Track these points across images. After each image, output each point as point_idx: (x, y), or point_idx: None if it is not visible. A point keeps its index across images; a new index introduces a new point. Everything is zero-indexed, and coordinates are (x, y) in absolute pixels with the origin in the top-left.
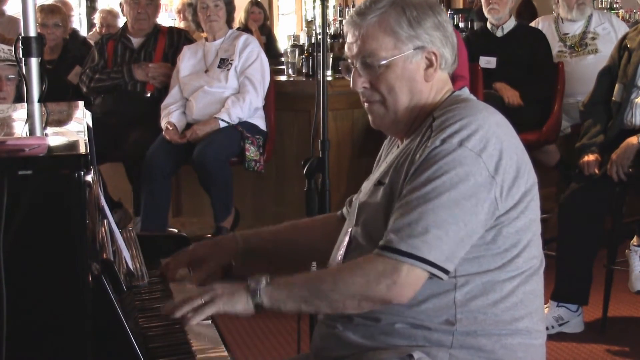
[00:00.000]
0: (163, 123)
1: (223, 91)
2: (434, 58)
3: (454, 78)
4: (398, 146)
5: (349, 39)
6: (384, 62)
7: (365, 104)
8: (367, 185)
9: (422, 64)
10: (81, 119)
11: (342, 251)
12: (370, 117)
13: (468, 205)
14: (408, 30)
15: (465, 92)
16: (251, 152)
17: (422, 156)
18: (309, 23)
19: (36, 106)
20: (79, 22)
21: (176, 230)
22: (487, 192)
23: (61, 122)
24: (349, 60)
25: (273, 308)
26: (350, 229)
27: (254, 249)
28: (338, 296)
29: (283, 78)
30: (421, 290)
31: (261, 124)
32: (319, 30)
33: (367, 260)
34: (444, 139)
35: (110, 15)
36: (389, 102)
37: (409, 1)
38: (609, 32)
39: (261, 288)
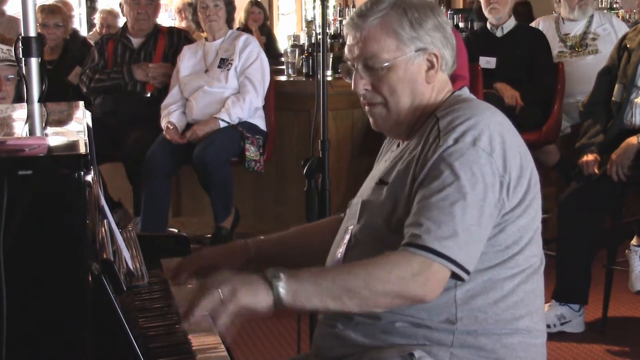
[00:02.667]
0: (163, 123)
1: (223, 91)
2: (435, 59)
3: (454, 78)
4: (399, 145)
5: (350, 41)
6: (386, 64)
7: (366, 106)
8: (368, 184)
9: (424, 65)
10: (81, 119)
11: (342, 249)
12: (371, 120)
13: (486, 206)
14: (410, 31)
15: (466, 92)
16: (251, 152)
17: (434, 156)
18: (309, 23)
19: (36, 106)
20: (79, 22)
21: (176, 230)
22: (499, 192)
23: (61, 122)
24: (349, 63)
25: (294, 305)
26: (350, 227)
27: (265, 255)
28: (371, 294)
29: (283, 78)
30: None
31: (261, 124)
32: (319, 30)
33: (399, 257)
34: (456, 138)
35: (110, 15)
36: (391, 104)
37: (410, 2)
38: (609, 33)
39: (281, 283)
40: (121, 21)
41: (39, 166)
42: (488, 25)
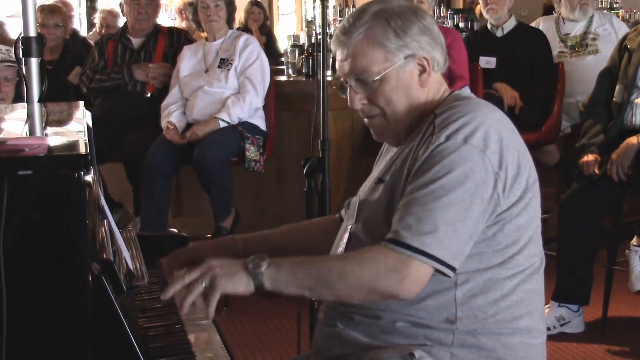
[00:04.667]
0: (163, 123)
1: (223, 91)
2: (425, 63)
3: (454, 78)
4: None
5: (339, 57)
6: (377, 77)
7: (366, 119)
8: (366, 185)
9: (415, 70)
10: (81, 119)
11: (341, 248)
12: (372, 132)
13: (475, 203)
14: (395, 40)
15: (466, 91)
16: (251, 152)
17: (426, 152)
18: (309, 23)
19: (36, 106)
20: (79, 22)
21: (176, 230)
22: (492, 189)
23: (61, 122)
24: (342, 79)
25: (274, 290)
26: (349, 226)
27: (253, 252)
28: (345, 287)
29: (283, 78)
30: (422, 287)
31: (261, 124)
32: (319, 30)
33: (376, 253)
34: (448, 135)
35: (110, 15)
36: (389, 114)
37: (391, 11)
38: (609, 33)
39: (262, 270)
40: (121, 21)
41: (39, 166)
42: (488, 25)
